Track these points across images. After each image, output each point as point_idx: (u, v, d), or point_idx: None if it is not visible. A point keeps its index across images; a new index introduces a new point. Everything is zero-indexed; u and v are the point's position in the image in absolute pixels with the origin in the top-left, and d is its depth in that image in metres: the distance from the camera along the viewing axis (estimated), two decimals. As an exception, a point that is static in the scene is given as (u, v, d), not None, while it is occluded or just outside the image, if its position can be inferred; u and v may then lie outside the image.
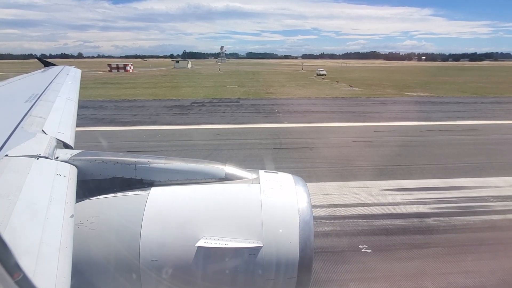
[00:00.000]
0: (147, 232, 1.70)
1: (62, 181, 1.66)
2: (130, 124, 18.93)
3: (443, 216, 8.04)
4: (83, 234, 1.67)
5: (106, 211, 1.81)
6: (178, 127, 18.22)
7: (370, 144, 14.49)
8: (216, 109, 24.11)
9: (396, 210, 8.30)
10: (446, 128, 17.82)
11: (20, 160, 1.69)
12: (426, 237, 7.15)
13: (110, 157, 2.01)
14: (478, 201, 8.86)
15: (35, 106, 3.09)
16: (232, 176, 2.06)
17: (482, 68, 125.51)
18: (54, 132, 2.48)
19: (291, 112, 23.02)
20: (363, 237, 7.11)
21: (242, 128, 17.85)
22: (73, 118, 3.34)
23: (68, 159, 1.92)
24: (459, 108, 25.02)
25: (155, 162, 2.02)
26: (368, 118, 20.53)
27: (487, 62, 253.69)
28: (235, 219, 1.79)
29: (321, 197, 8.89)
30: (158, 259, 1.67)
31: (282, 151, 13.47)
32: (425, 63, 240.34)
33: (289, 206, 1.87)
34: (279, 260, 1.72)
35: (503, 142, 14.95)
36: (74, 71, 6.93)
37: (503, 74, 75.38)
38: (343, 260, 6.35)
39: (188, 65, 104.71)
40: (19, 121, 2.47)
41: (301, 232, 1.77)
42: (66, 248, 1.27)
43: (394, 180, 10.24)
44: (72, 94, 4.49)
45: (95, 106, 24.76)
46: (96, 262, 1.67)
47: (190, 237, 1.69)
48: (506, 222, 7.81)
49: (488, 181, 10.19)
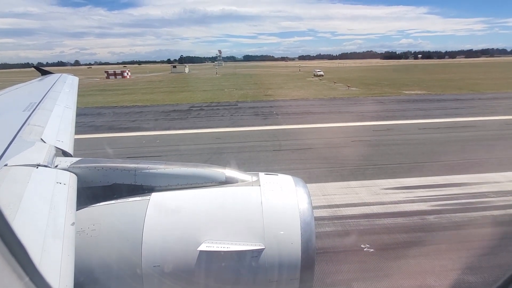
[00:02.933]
0: (148, 237, 1.70)
1: (62, 189, 1.66)
2: (128, 130, 18.91)
3: (444, 213, 8.04)
4: (84, 241, 1.67)
5: (107, 218, 1.81)
6: (177, 132, 18.21)
7: (369, 143, 14.51)
8: (215, 112, 24.12)
9: (397, 209, 8.29)
10: (444, 125, 17.86)
11: (20, 170, 1.69)
12: (428, 235, 7.14)
13: (110, 163, 2.01)
14: (478, 197, 8.87)
15: (33, 114, 3.09)
16: (232, 179, 2.06)
17: (479, 64, 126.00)
18: (53, 140, 2.48)
19: (290, 113, 23.05)
20: (365, 236, 7.10)
21: (241, 131, 17.85)
22: (71, 125, 3.35)
23: (68, 167, 1.92)
24: (457, 105, 25.08)
25: (155, 168, 2.02)
26: (366, 117, 20.56)
27: (483, 59, 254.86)
28: (236, 222, 1.79)
29: (321, 198, 8.88)
30: (161, 265, 1.67)
31: (281, 152, 13.47)
32: (422, 61, 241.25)
33: (290, 207, 1.87)
34: (281, 262, 1.72)
35: (501, 138, 14.99)
36: (71, 78, 6.94)
37: (499, 70, 75.72)
38: (346, 260, 6.34)
39: (185, 69, 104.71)
40: (18, 130, 2.47)
41: (303, 233, 1.77)
42: (68, 256, 1.27)
43: (394, 178, 10.24)
44: (70, 101, 4.50)
45: (93, 113, 24.75)
46: (99, 269, 1.67)
47: (192, 242, 1.70)
48: (506, 217, 7.81)
49: (487, 177, 10.20)
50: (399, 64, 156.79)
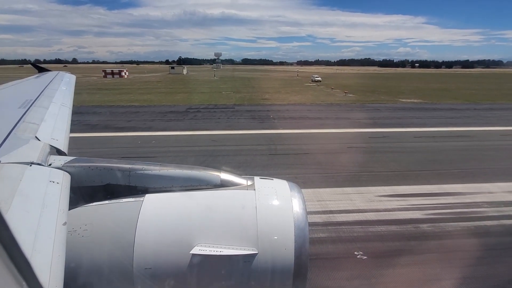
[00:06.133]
0: (141, 239, 1.68)
1: (55, 188, 1.64)
2: (124, 130, 18.83)
3: (438, 222, 8.08)
4: (76, 241, 1.64)
5: (100, 219, 1.79)
6: (173, 133, 18.17)
7: (365, 150, 14.57)
8: (212, 115, 24.12)
9: (391, 216, 8.32)
10: (439, 134, 18.00)
11: (13, 167, 1.67)
12: (421, 243, 7.16)
13: (104, 163, 1.99)
14: (472, 207, 8.93)
15: (28, 112, 3.06)
16: (227, 182, 2.05)
17: (474, 75, 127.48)
18: (48, 139, 2.45)
19: (286, 118, 23.11)
20: (358, 243, 7.10)
21: (238, 134, 17.85)
22: (67, 124, 3.32)
23: (62, 165, 1.90)
24: (452, 115, 25.32)
25: (149, 169, 2.01)
26: (362, 124, 20.67)
27: (479, 69, 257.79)
28: (230, 226, 1.78)
29: (316, 203, 8.88)
30: (152, 267, 1.65)
31: (277, 157, 13.48)
32: (419, 70, 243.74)
33: (284, 212, 1.86)
34: (274, 267, 1.70)
35: (496, 148, 15.13)
36: (68, 76, 6.89)
37: (494, 81, 76.68)
38: (339, 267, 6.33)
39: (183, 71, 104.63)
40: (12, 127, 2.45)
41: (296, 239, 1.76)
42: (59, 256, 1.26)
43: (389, 186, 10.28)
44: (66, 100, 4.46)
45: (89, 112, 24.62)
46: (89, 270, 1.65)
47: (184, 245, 1.68)
48: (499, 227, 7.86)
49: (481, 187, 10.27)
50: (396, 72, 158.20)
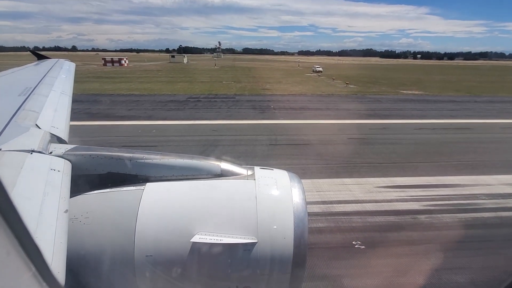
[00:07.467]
0: (141, 227, 1.70)
1: (56, 176, 1.65)
2: (125, 119, 18.78)
3: (436, 213, 8.14)
4: (77, 229, 1.66)
5: (101, 207, 1.80)
6: (173, 122, 18.14)
7: (365, 142, 14.58)
8: (212, 104, 24.02)
9: (390, 207, 8.38)
10: (440, 126, 17.98)
11: (14, 155, 1.68)
12: (419, 234, 7.24)
13: (105, 152, 2.00)
14: (470, 198, 8.99)
15: (28, 100, 3.05)
16: (227, 172, 2.06)
17: (477, 67, 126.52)
18: (48, 127, 2.45)
19: (287, 108, 23.03)
20: (356, 233, 7.17)
21: (238, 124, 17.83)
22: (67, 112, 3.31)
23: (62, 154, 1.91)
24: (453, 107, 25.23)
25: (150, 158, 2.01)
26: (363, 115, 20.62)
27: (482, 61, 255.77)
28: (230, 215, 1.79)
29: (315, 194, 8.94)
30: (153, 255, 1.67)
31: (277, 147, 13.49)
32: (421, 61, 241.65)
33: (284, 202, 1.88)
34: (273, 256, 1.73)
35: (496, 141, 15.15)
36: (68, 64, 6.83)
37: (496, 74, 76.14)
38: (337, 256, 6.41)
39: (184, 59, 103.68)
40: (12, 115, 2.44)
41: (296, 228, 1.78)
42: (61, 243, 1.27)
43: (388, 177, 10.33)
44: (66, 88, 4.44)
45: (90, 100, 24.49)
46: (91, 258, 1.67)
47: (185, 233, 1.70)
48: (496, 219, 7.93)
49: (480, 179, 10.32)
50: (398, 64, 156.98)
